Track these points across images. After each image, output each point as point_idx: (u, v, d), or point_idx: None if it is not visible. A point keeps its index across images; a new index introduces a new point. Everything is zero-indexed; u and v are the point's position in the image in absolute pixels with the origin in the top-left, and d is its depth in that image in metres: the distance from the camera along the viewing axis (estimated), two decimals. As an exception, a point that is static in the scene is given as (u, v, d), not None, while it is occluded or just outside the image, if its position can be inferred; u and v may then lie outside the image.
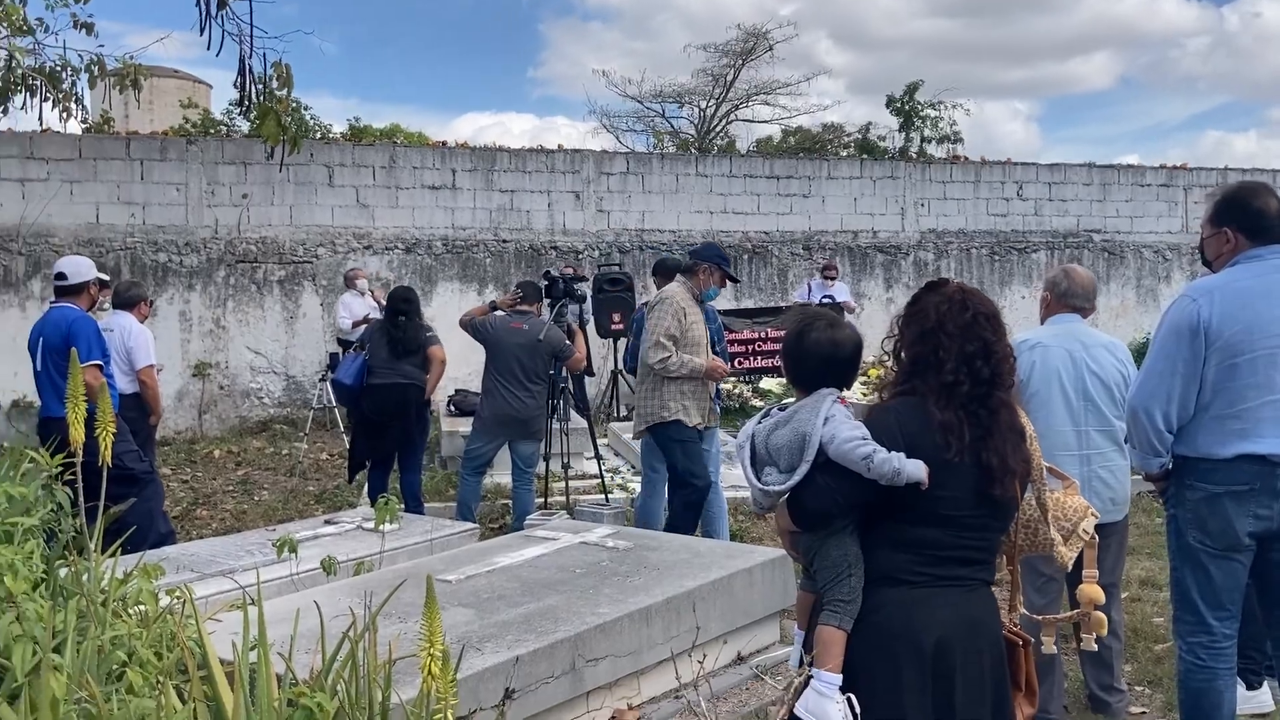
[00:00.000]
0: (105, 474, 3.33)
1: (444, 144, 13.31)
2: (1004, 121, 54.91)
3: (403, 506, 6.26)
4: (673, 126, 30.62)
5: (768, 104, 29.52)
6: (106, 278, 6.31)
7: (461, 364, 10.72)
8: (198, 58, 57.26)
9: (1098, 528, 3.78)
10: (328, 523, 5.70)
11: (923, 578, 2.48)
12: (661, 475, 6.33)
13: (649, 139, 30.44)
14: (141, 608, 3.29)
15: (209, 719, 2.65)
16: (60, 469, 3.32)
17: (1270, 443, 3.29)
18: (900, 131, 27.50)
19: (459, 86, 62.75)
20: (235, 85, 9.38)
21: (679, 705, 4.08)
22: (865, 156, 19.66)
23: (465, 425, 8.88)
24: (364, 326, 10.87)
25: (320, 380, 11.13)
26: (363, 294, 11.26)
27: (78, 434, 3.00)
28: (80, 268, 5.67)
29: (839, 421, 2.48)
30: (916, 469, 2.39)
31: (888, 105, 27.43)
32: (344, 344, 11.17)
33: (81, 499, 3.06)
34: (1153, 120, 69.03)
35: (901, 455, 2.40)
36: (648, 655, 4.03)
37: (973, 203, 15.00)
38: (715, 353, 6.16)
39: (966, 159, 15.82)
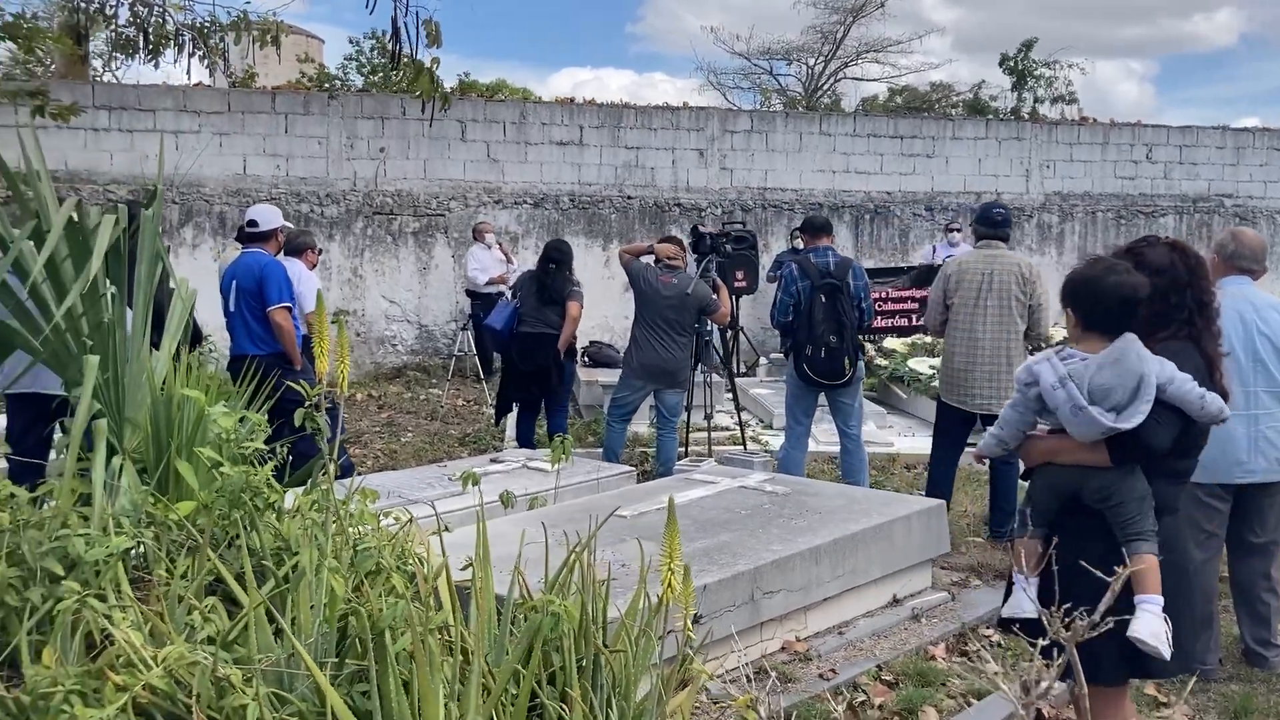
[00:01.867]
0: (338, 404, 3.66)
1: (572, 100, 13.57)
2: (1118, 81, 53.11)
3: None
4: (780, 84, 30.46)
5: (878, 62, 29.18)
6: (292, 226, 6.72)
7: (587, 319, 11.02)
8: (306, 13, 58.36)
9: (1262, 486, 3.90)
10: (493, 461, 6.04)
11: (1179, 506, 2.83)
12: (805, 427, 6.53)
13: (755, 96, 30.37)
14: (365, 527, 3.63)
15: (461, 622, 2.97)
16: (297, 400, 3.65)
17: None
18: (1013, 91, 26.95)
19: (557, 42, 62.90)
20: (380, 39, 9.73)
21: (843, 641, 4.31)
22: (990, 117, 19.36)
23: (601, 375, 9.21)
24: (505, 282, 11.28)
25: (461, 329, 11.57)
26: (490, 247, 11.62)
27: (323, 366, 3.31)
28: (270, 216, 6.07)
29: (1166, 364, 2.71)
30: (1224, 407, 2.73)
31: (1000, 64, 26.91)
32: (472, 295, 11.58)
33: (330, 426, 3.36)
34: (1275, 81, 65.87)
35: (1215, 394, 2.72)
36: (816, 592, 4.27)
37: (1100, 165, 14.73)
38: (862, 309, 6.32)
39: (1095, 120, 15.50)
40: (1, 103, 9.53)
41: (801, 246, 7.33)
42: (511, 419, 8.16)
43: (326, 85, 19.83)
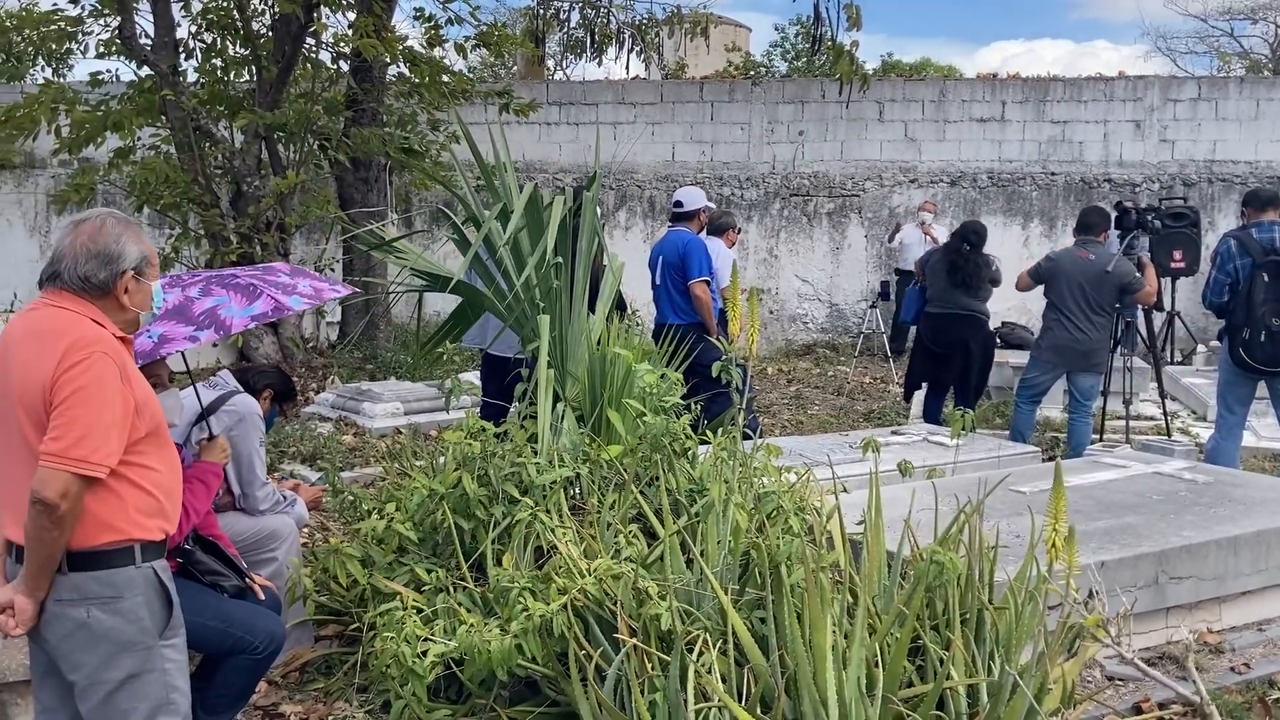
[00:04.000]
0: (746, 368, 4.01)
1: (994, 76, 13.19)
2: None
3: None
4: (1243, 47, 27.29)
5: (1372, 12, 25.26)
6: (714, 206, 7.24)
7: (1000, 300, 10.73)
8: (733, 2, 60.27)
9: None
10: (894, 433, 6.18)
11: None
12: (1239, 418, 6.04)
13: (1212, 61, 27.46)
14: (768, 479, 3.96)
15: (853, 565, 3.21)
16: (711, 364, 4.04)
17: None
18: None
19: (987, 14, 60.16)
20: (804, 23, 10.08)
21: (1262, 637, 4.04)
22: None
23: (1012, 356, 8.99)
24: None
25: (870, 308, 11.73)
26: (918, 225, 11.63)
27: (734, 329, 3.66)
28: (694, 197, 6.59)
29: None
30: None
31: None
32: (901, 273, 11.66)
33: (745, 391, 3.69)
34: None
35: None
36: (1232, 584, 4.03)
37: None
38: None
39: None
40: (475, 102, 10.97)
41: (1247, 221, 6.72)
42: (920, 397, 8.20)
43: (750, 73, 20.62)
